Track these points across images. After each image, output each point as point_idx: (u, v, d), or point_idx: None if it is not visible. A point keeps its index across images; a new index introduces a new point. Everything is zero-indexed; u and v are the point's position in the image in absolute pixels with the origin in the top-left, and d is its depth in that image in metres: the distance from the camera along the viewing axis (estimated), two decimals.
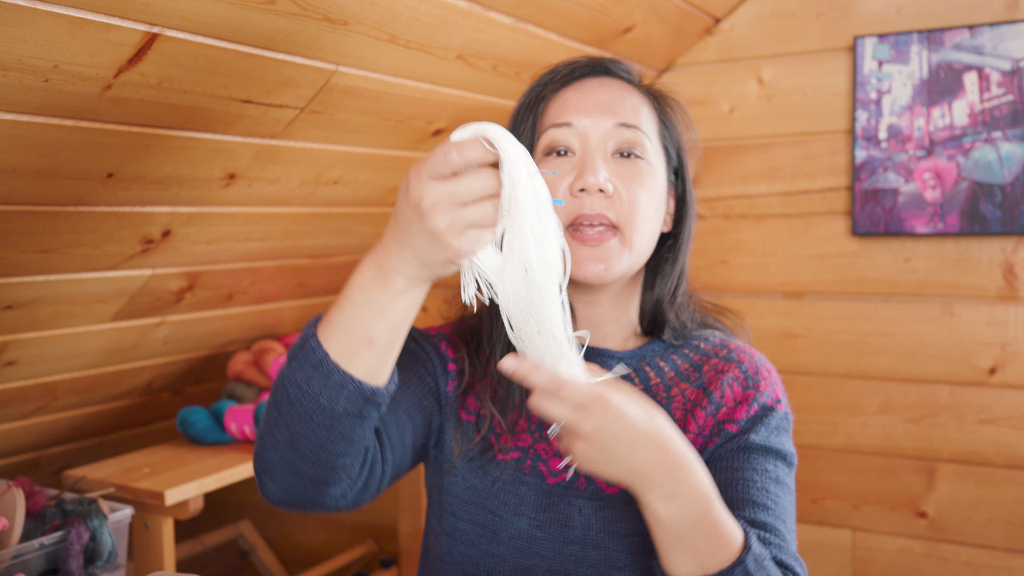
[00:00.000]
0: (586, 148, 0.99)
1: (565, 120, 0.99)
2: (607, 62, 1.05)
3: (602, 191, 0.96)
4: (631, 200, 0.97)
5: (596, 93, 1.01)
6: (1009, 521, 1.80)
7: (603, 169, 0.97)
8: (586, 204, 0.96)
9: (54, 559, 1.30)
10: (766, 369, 1.06)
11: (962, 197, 1.75)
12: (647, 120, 1.03)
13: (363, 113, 1.49)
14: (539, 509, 1.00)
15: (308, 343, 0.82)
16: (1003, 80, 1.70)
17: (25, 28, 0.96)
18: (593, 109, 0.99)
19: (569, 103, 1.01)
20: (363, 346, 0.81)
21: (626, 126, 0.99)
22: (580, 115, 0.99)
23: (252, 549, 2.45)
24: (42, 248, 1.36)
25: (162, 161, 1.32)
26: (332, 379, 0.81)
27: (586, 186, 0.96)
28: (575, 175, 0.98)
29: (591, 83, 1.03)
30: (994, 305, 1.78)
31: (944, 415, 1.84)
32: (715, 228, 2.02)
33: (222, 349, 2.03)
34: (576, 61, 1.05)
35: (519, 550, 0.99)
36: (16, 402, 1.68)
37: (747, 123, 1.97)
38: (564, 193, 0.97)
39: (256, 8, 1.11)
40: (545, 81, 1.03)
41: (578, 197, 0.97)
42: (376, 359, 0.82)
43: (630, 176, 0.98)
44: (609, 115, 0.99)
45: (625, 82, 1.05)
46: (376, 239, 2.04)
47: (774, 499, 0.96)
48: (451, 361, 1.08)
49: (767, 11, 1.92)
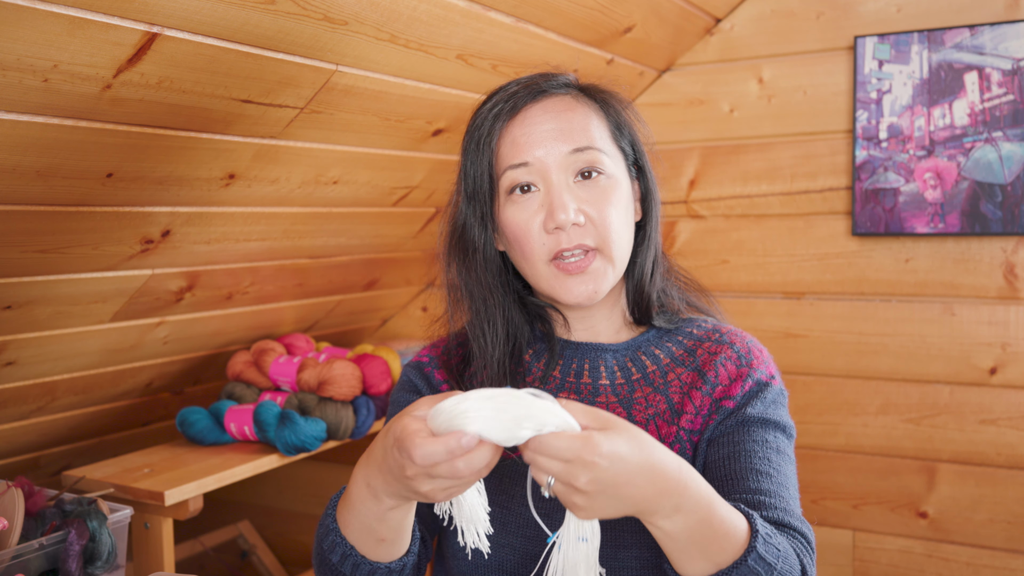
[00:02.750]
0: (548, 183, 1.00)
1: (520, 160, 1.00)
2: (542, 83, 1.04)
3: (575, 223, 0.99)
4: (603, 221, 1.00)
5: (543, 123, 1.01)
6: (1009, 521, 1.80)
7: (570, 202, 0.99)
8: (563, 239, 0.99)
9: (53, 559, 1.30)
10: (757, 349, 1.09)
11: (963, 197, 1.75)
12: (598, 130, 1.03)
13: (363, 113, 1.49)
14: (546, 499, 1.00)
15: (332, 537, 0.94)
16: (1003, 80, 1.70)
17: (25, 28, 0.95)
18: (544, 140, 1.00)
19: (519, 140, 1.01)
20: (377, 543, 0.92)
21: (580, 149, 1.00)
22: (533, 150, 1.00)
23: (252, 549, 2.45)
24: (42, 248, 1.36)
25: (162, 161, 1.32)
26: (361, 569, 0.93)
27: (559, 224, 0.98)
28: (545, 213, 1.00)
29: (534, 111, 1.02)
30: (995, 305, 1.78)
31: (944, 415, 1.84)
32: (715, 228, 2.02)
33: (222, 349, 2.02)
34: (515, 90, 1.03)
35: (528, 538, 1.01)
36: (16, 402, 1.68)
37: (747, 123, 1.97)
38: (539, 230, 1.00)
39: (256, 8, 1.11)
40: (490, 118, 1.03)
41: (553, 234, 1.00)
42: (390, 547, 0.93)
43: (596, 198, 1.00)
44: (561, 142, 1.00)
45: (566, 97, 1.04)
46: (375, 239, 2.04)
47: (776, 467, 0.98)
48: (443, 383, 1.12)
49: (767, 11, 1.92)
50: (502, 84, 1.08)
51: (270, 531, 2.56)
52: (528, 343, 1.11)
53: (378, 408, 1.96)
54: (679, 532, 0.82)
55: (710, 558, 0.83)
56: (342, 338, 2.39)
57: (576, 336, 1.11)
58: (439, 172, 1.86)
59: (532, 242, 1.01)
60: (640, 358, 1.09)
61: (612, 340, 1.11)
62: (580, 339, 1.11)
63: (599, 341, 1.10)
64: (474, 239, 1.06)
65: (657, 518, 0.81)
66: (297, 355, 1.97)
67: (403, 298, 2.40)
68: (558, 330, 1.11)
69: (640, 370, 1.08)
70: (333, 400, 1.85)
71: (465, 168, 1.06)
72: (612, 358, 1.09)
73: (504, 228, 1.03)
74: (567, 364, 1.09)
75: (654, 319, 1.11)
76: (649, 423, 1.04)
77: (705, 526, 0.82)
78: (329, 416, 1.83)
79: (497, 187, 1.03)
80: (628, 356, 1.09)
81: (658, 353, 1.09)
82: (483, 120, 1.04)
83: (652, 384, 1.06)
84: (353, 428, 1.86)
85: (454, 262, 1.08)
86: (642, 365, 1.08)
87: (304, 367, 1.88)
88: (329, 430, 1.83)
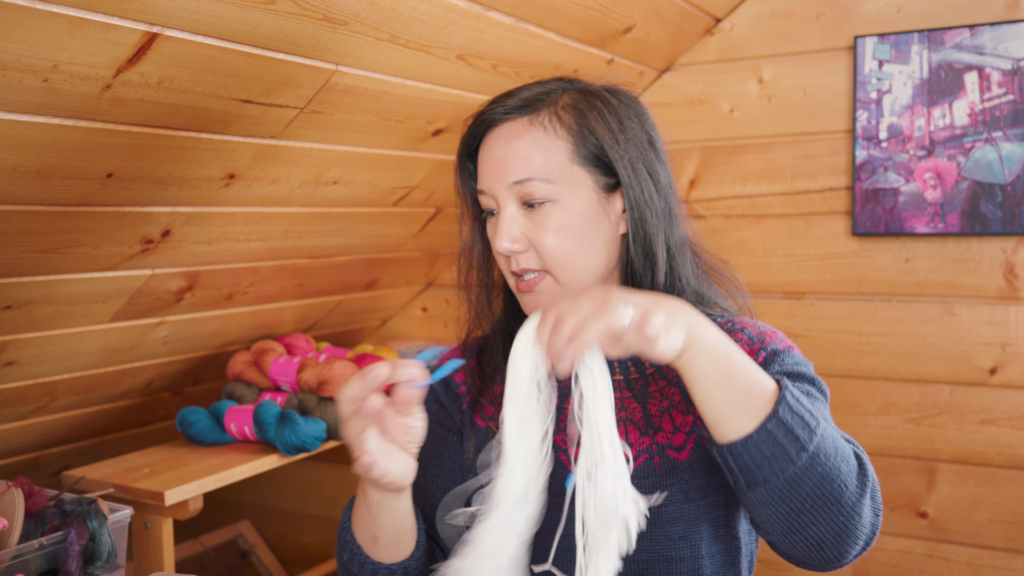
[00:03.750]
0: (500, 210, 1.04)
1: (481, 188, 1.06)
2: (496, 109, 1.05)
3: (515, 251, 1.03)
4: (544, 248, 1.02)
5: (493, 151, 1.04)
6: (1009, 521, 1.79)
7: (507, 232, 1.03)
8: (511, 263, 1.04)
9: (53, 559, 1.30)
10: (771, 331, 1.08)
11: (963, 197, 1.75)
12: (542, 158, 1.01)
13: (363, 113, 1.49)
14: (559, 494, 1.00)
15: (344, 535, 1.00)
16: (1003, 80, 1.70)
17: (25, 28, 0.95)
18: (493, 172, 1.04)
19: (482, 168, 1.06)
20: (373, 541, 0.97)
21: (518, 183, 1.02)
22: (486, 180, 1.05)
23: (252, 549, 2.45)
24: (42, 248, 1.36)
25: (162, 161, 1.32)
26: (365, 568, 0.99)
27: (499, 251, 1.04)
28: None
29: (491, 139, 1.05)
30: (995, 305, 1.78)
31: (944, 415, 1.84)
32: (715, 228, 2.02)
33: (222, 349, 2.02)
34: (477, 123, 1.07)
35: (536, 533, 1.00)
36: (16, 402, 1.68)
37: (747, 123, 1.97)
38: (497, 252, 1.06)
39: (256, 8, 1.11)
40: (464, 145, 1.09)
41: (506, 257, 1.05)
42: (386, 548, 0.98)
43: (536, 225, 1.02)
44: (501, 177, 1.03)
45: (516, 121, 1.03)
46: (375, 239, 2.04)
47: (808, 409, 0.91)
48: (460, 384, 1.14)
49: (767, 11, 1.92)
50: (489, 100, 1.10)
51: (270, 531, 2.56)
52: None
53: None
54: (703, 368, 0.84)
55: (742, 404, 0.84)
56: (342, 338, 2.39)
57: None
58: (439, 172, 1.86)
59: (499, 260, 1.07)
60: None
61: None
62: None
63: None
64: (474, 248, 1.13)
65: (703, 336, 0.83)
66: (297, 355, 1.97)
67: (403, 298, 2.40)
68: None
69: (653, 363, 1.07)
70: (333, 400, 1.85)
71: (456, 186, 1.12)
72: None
73: None
74: None
75: None
76: (664, 415, 1.05)
77: (730, 359, 0.85)
78: (329, 416, 1.83)
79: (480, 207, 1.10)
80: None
81: None
82: (462, 147, 1.10)
83: (666, 377, 1.06)
84: None
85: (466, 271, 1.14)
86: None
87: (304, 367, 1.88)
88: (329, 430, 1.83)
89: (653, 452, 1.03)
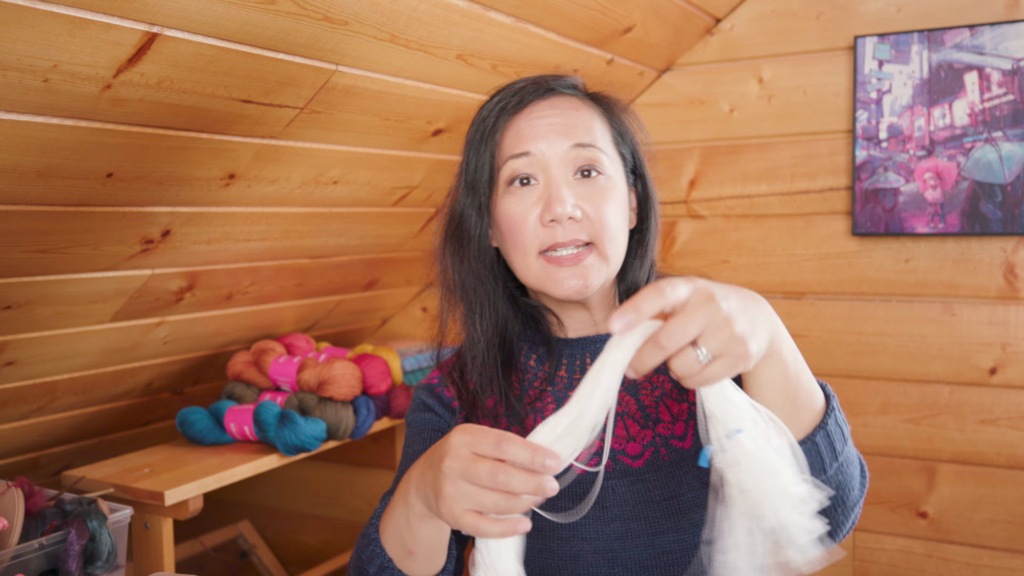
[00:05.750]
0: (548, 176, 1.01)
1: (522, 150, 1.01)
2: (551, 81, 1.06)
3: (571, 217, 0.99)
4: (599, 218, 1.00)
5: (548, 116, 1.02)
6: (1010, 521, 1.80)
7: (569, 196, 0.99)
8: (558, 233, 0.99)
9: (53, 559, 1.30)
10: None
11: (963, 197, 1.75)
12: (600, 132, 1.04)
13: (363, 113, 1.49)
14: (575, 499, 1.01)
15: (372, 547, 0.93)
16: (1003, 80, 1.70)
17: (25, 28, 0.95)
18: (547, 134, 1.01)
19: (523, 131, 1.02)
20: (406, 555, 0.91)
21: (582, 146, 1.01)
22: (536, 142, 1.01)
23: (252, 549, 2.45)
24: (42, 248, 1.36)
25: (162, 161, 1.32)
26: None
27: (556, 217, 0.99)
28: (543, 206, 1.00)
29: (540, 106, 1.03)
30: (995, 305, 1.78)
31: (944, 415, 1.84)
32: (715, 228, 2.02)
33: (222, 349, 2.02)
34: (522, 86, 1.05)
35: (564, 539, 1.02)
36: (16, 402, 1.68)
37: (747, 123, 1.97)
38: (534, 222, 1.01)
39: (256, 8, 1.11)
40: (496, 110, 1.04)
41: (549, 227, 1.00)
42: (420, 564, 0.91)
43: (594, 195, 1.01)
44: (564, 137, 1.01)
45: (572, 97, 1.06)
46: (375, 239, 2.04)
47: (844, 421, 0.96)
48: (454, 399, 1.12)
49: (767, 11, 1.92)
50: (509, 82, 1.08)
51: (270, 531, 2.56)
52: (523, 341, 1.11)
53: (378, 408, 1.96)
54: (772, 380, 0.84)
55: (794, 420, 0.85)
56: (342, 338, 2.39)
57: (572, 333, 1.11)
58: (439, 172, 1.86)
59: (526, 234, 1.01)
60: None
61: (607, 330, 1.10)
62: (576, 335, 1.11)
63: (596, 333, 1.10)
64: (470, 229, 1.06)
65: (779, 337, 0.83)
66: (297, 355, 1.97)
67: (403, 298, 2.40)
68: (553, 330, 1.12)
69: None
70: (333, 400, 1.85)
71: (467, 158, 1.07)
72: None
73: (500, 220, 1.04)
74: (570, 362, 1.09)
75: None
76: (659, 404, 1.05)
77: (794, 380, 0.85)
78: (329, 416, 1.83)
79: (497, 178, 1.03)
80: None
81: None
82: (488, 113, 1.05)
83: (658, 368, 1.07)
84: (353, 428, 1.86)
85: (448, 252, 1.10)
86: None
87: (304, 367, 1.88)
88: (329, 430, 1.83)
89: (658, 444, 1.04)
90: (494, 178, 1.03)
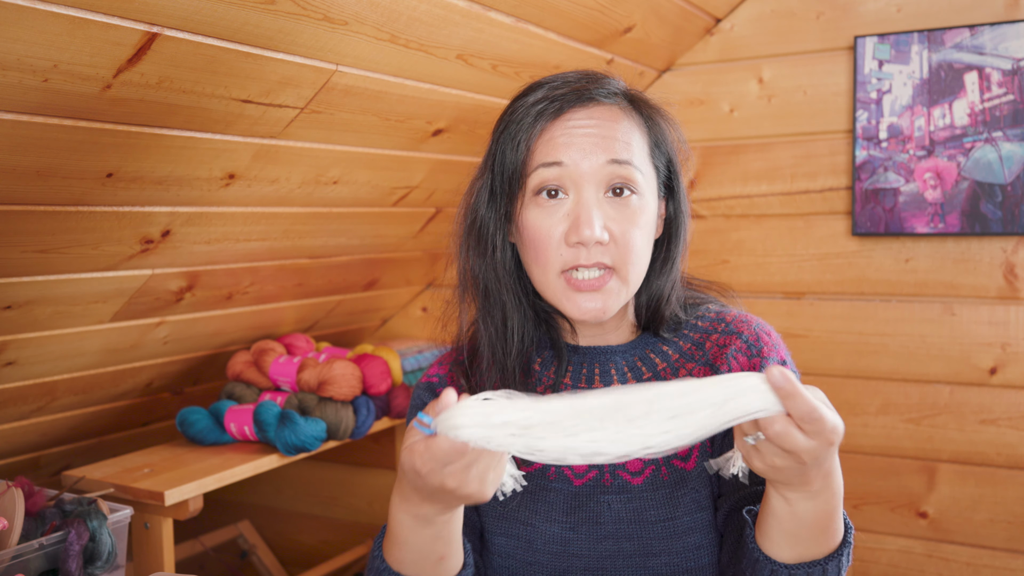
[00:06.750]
0: (578, 193, 0.96)
1: (555, 159, 0.96)
2: (592, 88, 0.99)
3: (599, 241, 0.96)
4: (625, 242, 0.97)
5: (585, 127, 0.97)
6: (1010, 521, 1.79)
7: (598, 219, 0.95)
8: (582, 255, 0.96)
9: (53, 559, 1.30)
10: (765, 333, 1.06)
11: (963, 197, 1.75)
12: (638, 146, 1.00)
13: (363, 113, 1.49)
14: (569, 511, 1.01)
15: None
16: (1003, 80, 1.70)
17: (25, 28, 0.95)
18: (583, 145, 0.96)
19: (558, 140, 0.97)
20: (437, 563, 0.90)
21: (617, 162, 0.97)
22: (570, 152, 0.96)
23: (252, 549, 2.45)
24: (42, 248, 1.36)
25: (162, 161, 1.32)
26: None
27: (583, 240, 0.95)
28: (570, 224, 0.96)
29: (578, 114, 0.98)
30: (995, 305, 1.78)
31: (944, 415, 1.84)
32: (715, 228, 2.02)
33: (222, 349, 2.02)
34: (563, 93, 0.99)
35: (554, 554, 1.00)
36: (16, 402, 1.68)
37: (747, 123, 1.97)
38: (559, 240, 0.97)
39: (256, 8, 1.11)
40: (532, 113, 0.99)
41: (574, 247, 0.97)
42: (449, 561, 0.91)
43: (624, 218, 0.97)
44: (600, 151, 0.96)
45: (612, 107, 1.00)
46: (375, 239, 2.04)
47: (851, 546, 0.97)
48: None
49: (767, 11, 1.92)
50: (545, 77, 1.03)
51: (270, 531, 2.56)
52: (536, 349, 1.09)
53: (378, 408, 1.96)
54: (806, 515, 0.83)
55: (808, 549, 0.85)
56: (342, 338, 2.39)
57: (583, 341, 1.09)
58: (439, 172, 1.86)
59: (550, 251, 0.97)
60: (649, 356, 1.07)
61: (618, 341, 1.09)
62: (587, 344, 1.09)
63: (608, 344, 1.08)
64: (490, 230, 1.02)
65: (799, 495, 0.82)
66: (297, 355, 1.97)
67: (403, 298, 2.40)
68: (564, 336, 1.09)
69: (650, 368, 1.06)
70: (333, 400, 1.85)
71: (494, 156, 1.02)
72: (621, 359, 1.07)
73: (523, 229, 1.00)
74: (577, 370, 1.07)
75: (660, 328, 1.08)
76: None
77: (828, 519, 0.84)
78: (329, 416, 1.83)
79: (524, 184, 0.99)
80: (637, 355, 1.07)
81: (666, 349, 1.07)
82: (524, 113, 0.99)
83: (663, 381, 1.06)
84: (353, 428, 1.86)
85: (467, 250, 1.05)
86: (652, 363, 1.06)
87: (304, 367, 1.88)
88: (329, 430, 1.83)
89: (660, 463, 1.02)
90: (521, 184, 0.99)
